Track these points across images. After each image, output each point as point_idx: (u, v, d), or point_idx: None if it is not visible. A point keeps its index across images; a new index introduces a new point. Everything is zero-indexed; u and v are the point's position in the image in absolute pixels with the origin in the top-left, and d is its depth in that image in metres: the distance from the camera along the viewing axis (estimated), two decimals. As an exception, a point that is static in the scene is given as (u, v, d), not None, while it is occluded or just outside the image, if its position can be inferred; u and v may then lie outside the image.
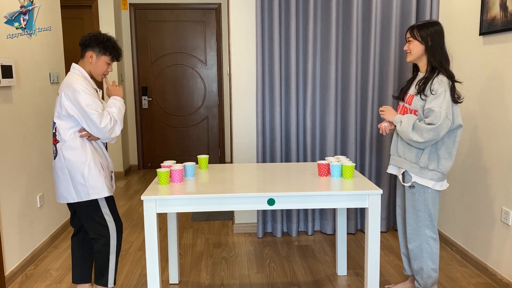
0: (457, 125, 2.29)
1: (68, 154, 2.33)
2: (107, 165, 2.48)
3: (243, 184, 2.35)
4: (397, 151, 2.44)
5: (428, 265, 2.41)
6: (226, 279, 2.89)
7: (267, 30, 3.40)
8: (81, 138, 2.34)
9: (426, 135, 2.22)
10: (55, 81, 3.71)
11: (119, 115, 2.38)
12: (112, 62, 2.45)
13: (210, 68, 6.15)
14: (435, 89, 2.23)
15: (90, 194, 2.35)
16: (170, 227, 2.76)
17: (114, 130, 2.34)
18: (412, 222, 2.42)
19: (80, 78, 2.34)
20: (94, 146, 2.41)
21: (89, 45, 2.39)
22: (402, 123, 2.32)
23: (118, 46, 2.46)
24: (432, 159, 2.32)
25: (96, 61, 2.40)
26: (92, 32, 2.44)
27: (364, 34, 3.44)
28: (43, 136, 3.41)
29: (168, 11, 5.97)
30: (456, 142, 2.32)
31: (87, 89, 2.29)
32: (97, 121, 2.26)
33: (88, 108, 2.25)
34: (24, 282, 2.86)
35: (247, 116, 3.57)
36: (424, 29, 2.32)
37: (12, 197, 2.92)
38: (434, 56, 2.30)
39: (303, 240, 3.55)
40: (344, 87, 3.49)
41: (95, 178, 2.35)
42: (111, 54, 2.41)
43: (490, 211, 2.81)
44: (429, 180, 2.34)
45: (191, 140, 6.28)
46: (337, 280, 2.85)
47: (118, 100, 2.43)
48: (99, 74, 2.43)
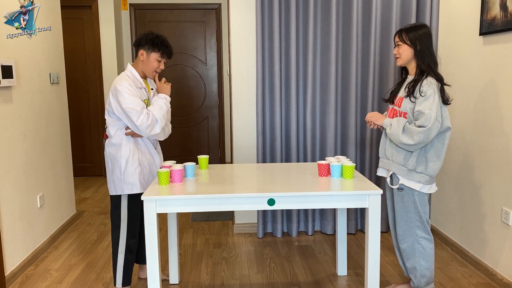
0: (446, 127, 2.30)
1: (110, 149, 2.48)
2: (150, 163, 2.55)
3: (243, 184, 2.35)
4: (385, 154, 2.45)
5: (422, 264, 2.41)
6: (226, 279, 2.89)
7: (267, 30, 3.40)
8: (126, 135, 2.45)
9: (417, 137, 2.23)
10: (55, 81, 3.71)
11: (159, 113, 2.42)
12: (163, 59, 2.52)
13: (210, 68, 6.15)
14: (424, 91, 2.24)
15: (124, 189, 2.47)
16: (170, 227, 2.76)
17: (154, 127, 2.40)
18: (402, 224, 2.43)
19: (127, 78, 2.43)
20: (139, 143, 2.50)
21: (140, 44, 2.49)
22: (392, 126, 2.32)
23: (168, 43, 2.53)
24: (420, 162, 2.33)
25: (146, 59, 2.48)
26: (145, 32, 2.53)
27: (364, 34, 3.44)
28: (43, 136, 3.41)
29: (168, 11, 5.97)
30: (444, 144, 2.32)
31: (130, 89, 2.38)
32: (134, 119, 2.35)
33: (126, 107, 2.34)
34: (24, 282, 2.87)
35: (247, 116, 3.57)
36: (412, 32, 2.32)
37: (12, 197, 2.92)
38: (423, 60, 2.31)
39: (303, 240, 3.55)
40: (344, 87, 3.49)
41: (130, 174, 2.46)
42: (160, 50, 2.48)
43: (490, 211, 2.81)
44: (417, 183, 2.34)
45: (191, 140, 6.28)
46: (337, 280, 2.85)
47: (161, 98, 2.49)
48: (150, 71, 2.51)
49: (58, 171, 3.72)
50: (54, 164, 3.62)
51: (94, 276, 2.94)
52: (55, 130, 3.67)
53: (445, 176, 3.35)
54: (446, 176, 3.33)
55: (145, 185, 2.51)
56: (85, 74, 5.66)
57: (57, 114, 3.74)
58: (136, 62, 2.53)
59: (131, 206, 2.51)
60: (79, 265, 3.11)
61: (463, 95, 3.08)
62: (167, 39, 2.55)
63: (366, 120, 2.51)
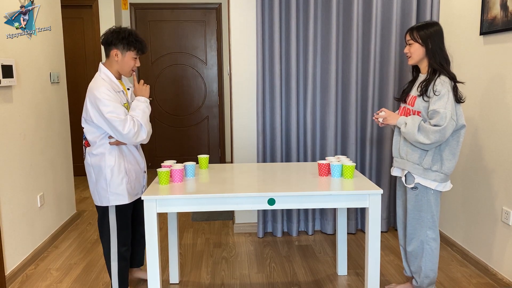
0: (460, 125, 2.29)
1: (92, 159, 2.34)
2: (135, 169, 2.45)
3: (243, 184, 2.35)
4: (399, 153, 2.43)
5: (427, 265, 2.41)
6: (226, 279, 2.89)
7: (267, 29, 3.40)
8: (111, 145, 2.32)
9: (433, 137, 2.21)
10: (55, 81, 3.71)
11: (143, 118, 2.31)
12: (138, 56, 2.39)
13: (210, 68, 6.14)
14: (438, 90, 2.23)
15: (111, 200, 2.35)
16: (170, 227, 2.76)
17: (140, 134, 2.29)
18: (414, 223, 2.41)
19: (104, 83, 2.28)
20: (124, 150, 2.38)
21: (112, 43, 2.32)
22: (407, 125, 2.30)
23: (141, 38, 2.38)
24: (435, 160, 2.31)
25: (122, 59, 2.34)
26: (112, 29, 2.36)
27: (364, 34, 3.44)
28: (43, 136, 3.41)
29: (169, 11, 5.97)
30: (459, 142, 2.31)
31: (109, 95, 2.24)
32: (120, 128, 2.22)
33: (109, 115, 2.21)
34: (24, 282, 2.87)
35: (247, 116, 3.57)
36: (424, 30, 2.30)
37: (12, 197, 2.92)
38: (435, 58, 2.30)
39: (303, 240, 3.55)
40: (345, 86, 3.48)
41: (117, 185, 2.34)
42: (135, 48, 2.34)
43: (491, 211, 2.81)
44: (433, 181, 2.33)
45: (192, 140, 6.27)
46: (338, 280, 2.85)
47: (142, 101, 2.36)
48: (127, 71, 2.38)
49: (58, 171, 3.72)
50: (54, 164, 3.62)
51: (94, 276, 2.94)
52: (55, 130, 3.67)
53: (445, 176, 3.35)
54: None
55: (132, 193, 2.42)
56: (85, 74, 5.66)
57: (57, 114, 3.74)
58: (109, 63, 2.36)
59: (120, 216, 2.40)
60: (79, 265, 3.11)
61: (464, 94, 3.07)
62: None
63: (375, 119, 2.43)
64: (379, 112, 2.42)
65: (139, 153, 2.52)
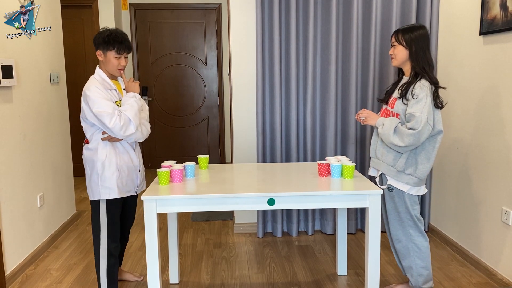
0: (437, 130, 2.30)
1: (86, 153, 2.44)
2: (128, 166, 2.47)
3: (243, 184, 2.35)
4: (376, 153, 2.45)
5: (417, 263, 2.41)
6: (226, 279, 2.89)
7: (267, 30, 3.40)
8: (103, 140, 2.39)
9: (407, 140, 2.23)
10: (55, 81, 3.71)
11: (131, 112, 2.34)
12: (122, 55, 2.42)
13: (210, 68, 6.14)
14: (416, 94, 2.24)
15: (101, 194, 2.41)
16: (170, 227, 2.76)
17: (128, 128, 2.33)
18: (396, 223, 2.44)
19: (95, 82, 2.38)
20: (117, 146, 2.43)
21: (95, 44, 2.43)
22: (384, 126, 2.33)
23: (122, 37, 2.41)
24: (410, 164, 2.33)
25: (105, 58, 2.42)
26: (99, 31, 2.45)
27: (364, 34, 3.44)
28: (43, 136, 3.41)
29: (168, 11, 5.97)
30: (435, 147, 2.32)
31: (99, 92, 2.32)
32: (106, 122, 2.28)
33: (97, 111, 2.29)
34: (24, 282, 2.87)
35: (247, 116, 3.57)
36: (409, 33, 2.32)
37: (12, 197, 2.92)
38: (417, 62, 2.31)
39: (303, 240, 3.55)
40: (344, 87, 3.49)
41: (107, 179, 2.39)
42: (114, 47, 2.39)
43: (491, 211, 2.81)
44: (405, 184, 2.35)
45: (191, 140, 6.28)
46: (337, 280, 2.85)
47: (130, 96, 2.41)
48: (113, 70, 2.44)
49: (58, 171, 3.72)
50: (54, 164, 3.62)
51: (94, 276, 2.94)
52: (55, 130, 3.67)
53: (445, 176, 3.35)
54: (446, 176, 3.33)
55: (123, 189, 2.45)
56: (85, 74, 5.65)
57: (57, 114, 3.74)
58: (100, 63, 2.47)
59: (110, 211, 2.44)
60: (79, 265, 3.11)
61: (463, 94, 3.08)
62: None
63: (356, 118, 2.48)
64: (360, 112, 2.47)
65: (136, 152, 2.53)
